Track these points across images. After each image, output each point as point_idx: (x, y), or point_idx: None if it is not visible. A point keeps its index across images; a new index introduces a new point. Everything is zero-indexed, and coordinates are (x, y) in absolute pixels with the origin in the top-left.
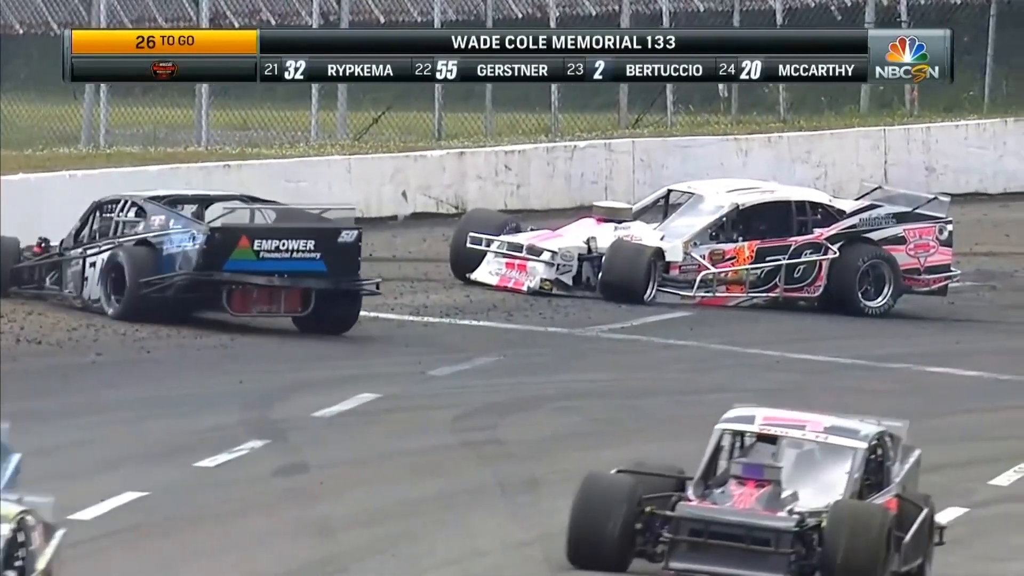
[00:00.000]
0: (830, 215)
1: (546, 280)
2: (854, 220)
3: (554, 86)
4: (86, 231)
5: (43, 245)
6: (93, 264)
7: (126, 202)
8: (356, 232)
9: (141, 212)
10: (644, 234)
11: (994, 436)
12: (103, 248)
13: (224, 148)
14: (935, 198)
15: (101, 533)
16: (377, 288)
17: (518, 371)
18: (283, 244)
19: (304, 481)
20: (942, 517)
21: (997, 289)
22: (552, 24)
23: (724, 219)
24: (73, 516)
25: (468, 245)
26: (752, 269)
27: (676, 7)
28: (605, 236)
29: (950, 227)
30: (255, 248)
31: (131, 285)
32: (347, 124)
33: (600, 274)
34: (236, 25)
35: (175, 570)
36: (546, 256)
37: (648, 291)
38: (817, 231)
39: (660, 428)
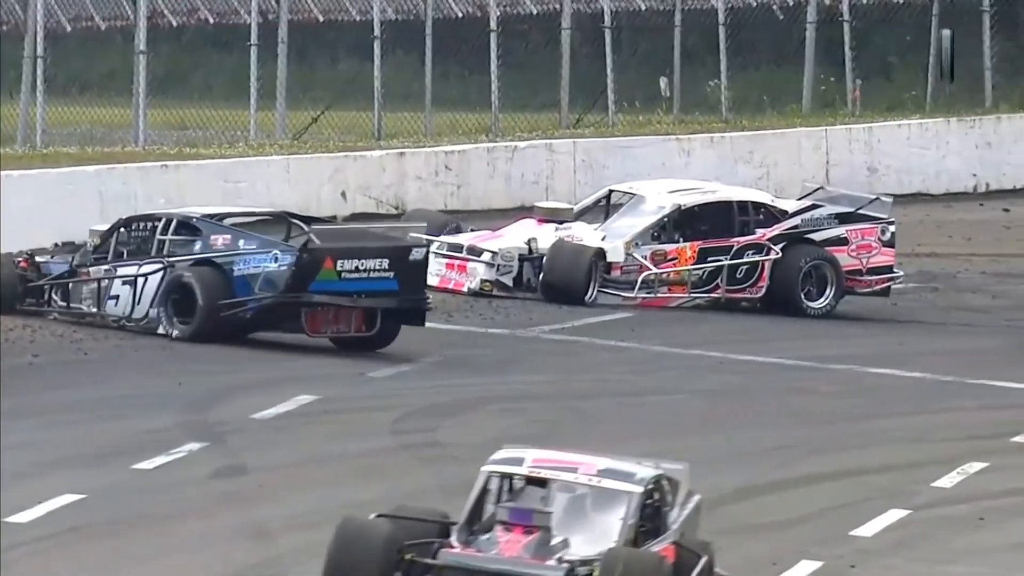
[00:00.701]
0: (772, 215)
1: (486, 281)
2: (796, 221)
3: (495, 85)
4: (110, 248)
5: (28, 260)
6: (130, 283)
7: (169, 220)
8: (425, 249)
9: (194, 231)
10: (585, 234)
11: (937, 438)
12: (145, 267)
13: (162, 148)
14: (877, 199)
15: (39, 536)
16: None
17: (459, 372)
18: (362, 264)
19: (242, 484)
20: (884, 519)
21: (940, 290)
22: (492, 24)
23: (666, 219)
24: (10, 519)
25: None
26: (694, 270)
27: (618, 6)
28: (546, 237)
29: (892, 228)
30: (338, 269)
31: (205, 306)
32: (286, 123)
33: (541, 275)
34: (174, 24)
35: (113, 573)
36: (486, 257)
37: (589, 292)
38: (759, 232)
39: (602, 430)
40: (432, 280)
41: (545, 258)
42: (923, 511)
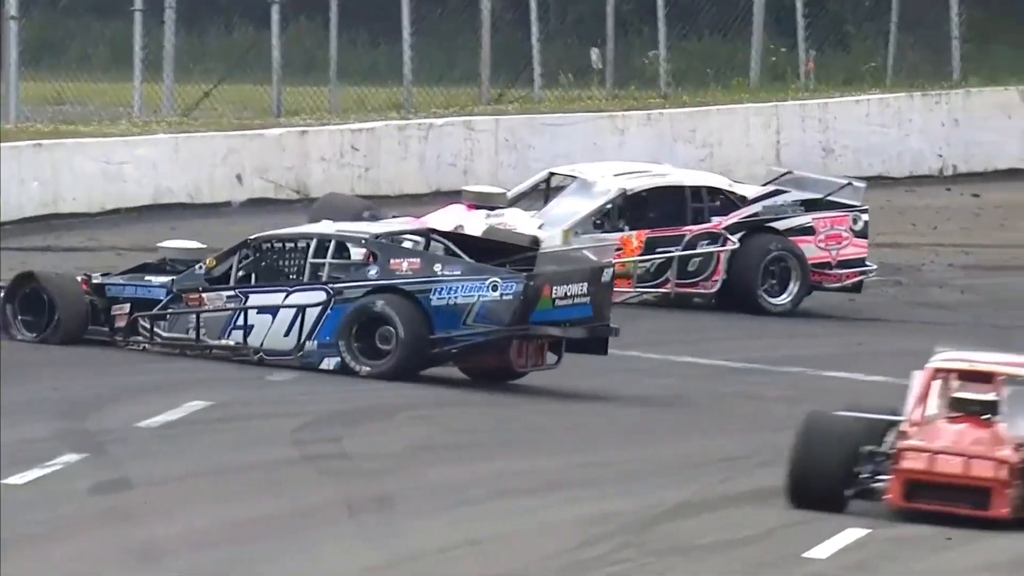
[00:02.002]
0: (730, 202)
1: None
2: (757, 208)
3: (407, 56)
4: (230, 272)
5: (87, 280)
6: (270, 312)
7: (323, 240)
8: (612, 269)
9: (370, 254)
10: (519, 222)
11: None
12: (299, 295)
13: (36, 125)
14: (849, 184)
15: None
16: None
17: (367, 377)
18: (568, 289)
19: (126, 499)
20: (841, 540)
21: (903, 285)
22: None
23: (609, 205)
24: None
25: None
26: (641, 262)
27: None
28: (475, 224)
29: (865, 216)
30: (553, 296)
31: (408, 340)
32: (174, 98)
33: None
34: None
35: None
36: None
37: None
38: (715, 220)
39: (526, 439)
40: None
41: None
42: (884, 530)
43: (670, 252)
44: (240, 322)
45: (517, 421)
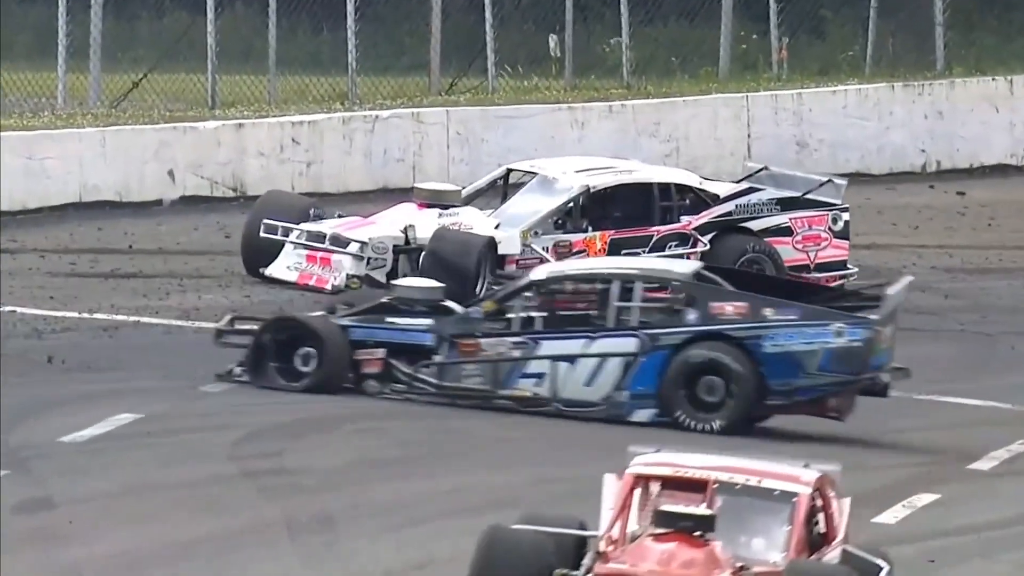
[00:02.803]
0: (701, 200)
1: (354, 276)
2: (729, 206)
3: (351, 43)
4: (512, 315)
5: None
6: (569, 359)
7: (627, 280)
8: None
9: (689, 300)
10: (475, 221)
11: (877, 465)
12: (606, 341)
13: None
14: (829, 181)
15: None
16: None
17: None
18: (889, 332)
19: (50, 519)
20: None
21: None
22: None
23: (572, 204)
24: None
25: (262, 234)
26: None
27: None
28: (427, 224)
29: (846, 215)
30: (881, 340)
31: (743, 392)
32: (101, 88)
33: (420, 269)
34: None
35: None
36: (354, 248)
37: (479, 290)
38: (684, 219)
39: (479, 453)
40: (291, 275)
41: (425, 250)
42: None
43: (637, 254)
44: (530, 370)
45: (469, 433)
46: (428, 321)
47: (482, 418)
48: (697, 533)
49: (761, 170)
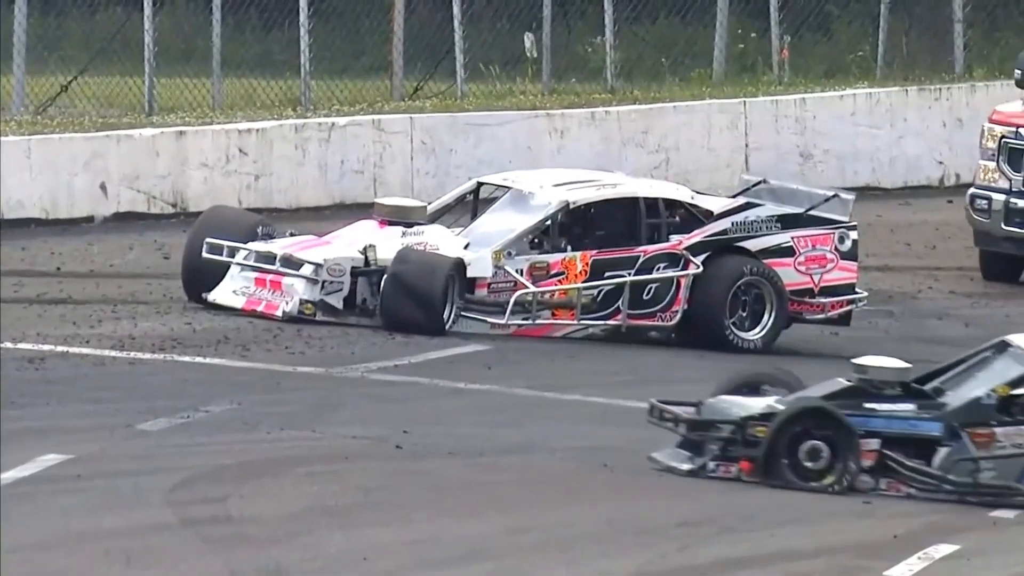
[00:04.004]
0: (692, 217)
1: (307, 302)
2: (725, 224)
3: (304, 43)
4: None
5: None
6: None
7: None
8: None
9: None
10: (442, 241)
11: (891, 512)
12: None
13: None
14: (835, 195)
15: None
16: None
17: (257, 424)
18: None
19: None
20: None
21: (895, 316)
22: None
23: (549, 222)
24: None
25: (205, 255)
26: (586, 289)
27: None
28: (389, 244)
29: (854, 234)
30: None
31: None
32: (26, 93)
33: (381, 294)
34: None
35: None
36: (307, 270)
37: (446, 316)
38: (674, 238)
39: (444, 499)
40: (237, 301)
41: (386, 273)
42: None
43: (621, 277)
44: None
45: (433, 477)
46: (929, 408)
47: (449, 460)
48: None
49: (760, 183)
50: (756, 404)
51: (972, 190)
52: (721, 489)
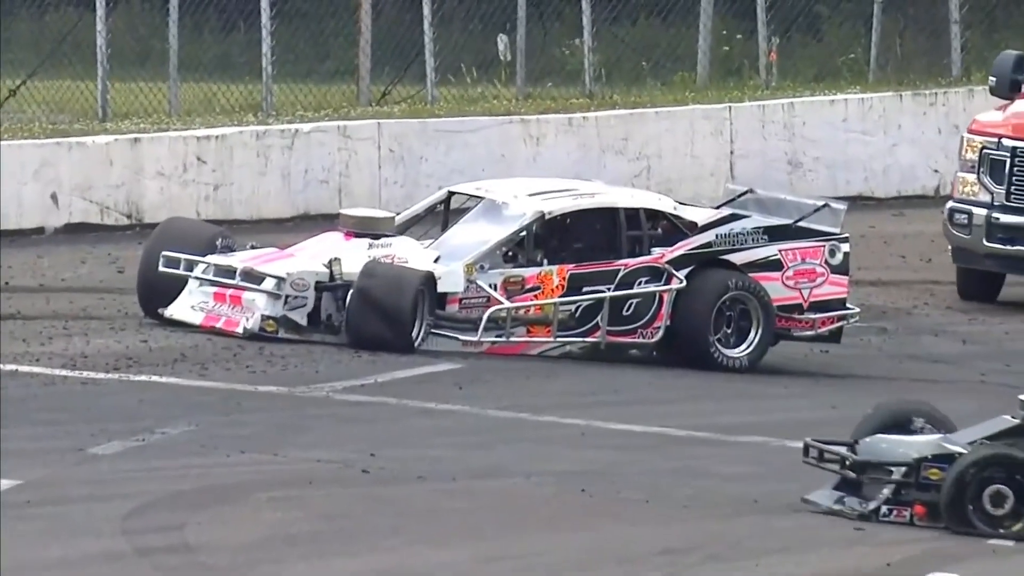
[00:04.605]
0: (675, 229)
1: (269, 318)
2: (709, 236)
3: (266, 45)
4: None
5: None
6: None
7: None
8: None
9: None
10: (411, 254)
11: (882, 540)
12: None
13: None
14: (826, 206)
15: None
16: None
17: (216, 447)
18: None
19: None
20: None
21: (889, 332)
22: None
23: (524, 233)
24: None
25: (162, 268)
26: (563, 304)
27: None
28: (355, 257)
29: (846, 246)
30: None
31: None
32: None
33: (347, 310)
34: None
35: None
36: (269, 284)
37: (416, 333)
38: (656, 251)
39: (414, 526)
40: (195, 317)
41: (353, 287)
42: None
43: (600, 292)
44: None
45: (403, 503)
46: None
47: (418, 485)
48: None
49: (746, 193)
50: (923, 444)
51: (951, 204)
52: (705, 515)
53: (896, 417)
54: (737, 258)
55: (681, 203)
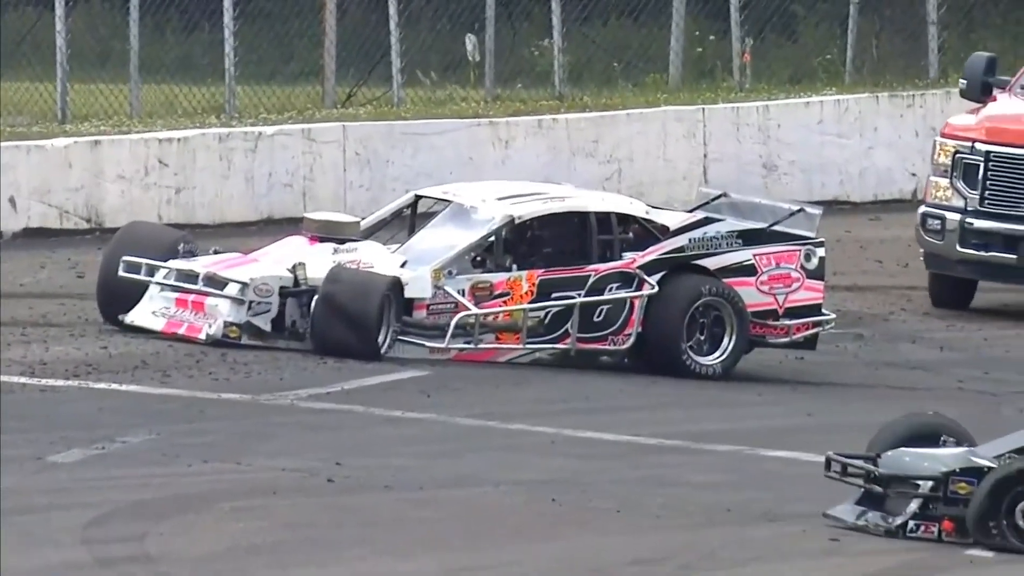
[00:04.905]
0: (647, 233)
1: (232, 324)
2: (681, 241)
3: (229, 46)
4: None
5: None
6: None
7: None
8: None
9: None
10: (377, 259)
11: (858, 550)
12: None
13: None
14: (801, 210)
15: None
16: None
17: (178, 456)
18: None
19: None
20: None
21: (865, 339)
22: None
23: (493, 238)
24: None
25: (122, 273)
26: (532, 310)
27: None
28: (319, 262)
29: (821, 251)
30: None
31: None
32: None
33: (311, 316)
34: None
35: None
36: (232, 290)
37: (382, 340)
38: (628, 256)
39: (379, 536)
40: (157, 323)
41: (317, 293)
42: None
43: (570, 298)
44: None
45: (368, 513)
46: None
47: (384, 494)
48: None
49: (719, 197)
50: (950, 458)
51: (923, 209)
52: (678, 525)
53: (915, 430)
54: (710, 263)
55: (653, 207)
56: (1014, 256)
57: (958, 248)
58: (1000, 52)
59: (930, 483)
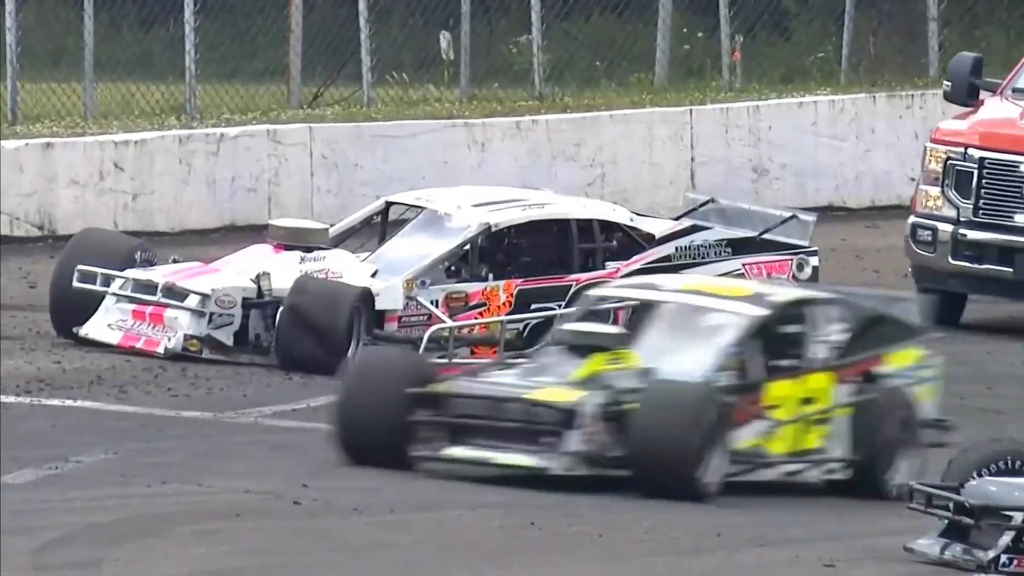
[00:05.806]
0: (631, 241)
1: (193, 337)
2: (668, 249)
3: (189, 43)
4: None
5: None
6: None
7: None
8: None
9: None
10: (346, 268)
11: None
12: None
13: None
14: (793, 216)
15: None
16: None
17: (135, 477)
18: None
19: None
20: None
21: None
22: None
23: (468, 246)
24: None
25: (76, 284)
26: (510, 322)
27: None
28: (285, 271)
29: (815, 260)
30: None
31: None
32: None
33: (277, 328)
34: None
35: None
36: (193, 301)
37: (351, 354)
38: (611, 265)
39: (353, 563)
40: (113, 336)
41: (283, 304)
42: None
43: (550, 309)
44: None
45: (339, 537)
46: None
47: (353, 518)
48: None
49: (708, 203)
50: None
51: (913, 219)
52: (663, 551)
53: (991, 458)
54: (698, 272)
55: (638, 214)
56: (1010, 269)
57: (950, 260)
58: (1004, 49)
59: (1022, 514)
